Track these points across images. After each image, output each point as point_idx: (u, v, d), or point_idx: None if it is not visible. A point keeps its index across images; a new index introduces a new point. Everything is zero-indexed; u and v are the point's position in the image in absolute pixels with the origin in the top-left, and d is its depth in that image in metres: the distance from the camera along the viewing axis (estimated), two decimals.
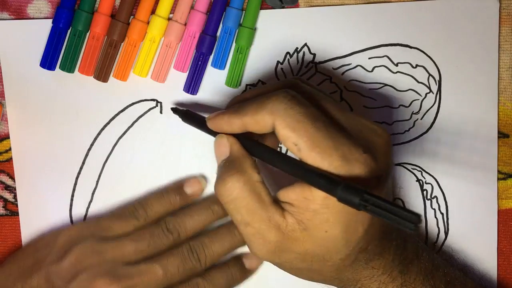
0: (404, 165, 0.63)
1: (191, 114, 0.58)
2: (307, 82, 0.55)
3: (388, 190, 0.53)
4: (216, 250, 0.59)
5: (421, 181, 0.63)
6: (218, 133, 0.54)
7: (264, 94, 0.52)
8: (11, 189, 0.62)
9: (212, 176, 0.62)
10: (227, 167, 0.52)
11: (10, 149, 0.62)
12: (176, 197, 0.60)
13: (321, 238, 0.50)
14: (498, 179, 0.63)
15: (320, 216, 0.49)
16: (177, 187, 0.61)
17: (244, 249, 0.61)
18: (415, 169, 0.63)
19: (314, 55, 0.62)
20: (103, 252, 0.57)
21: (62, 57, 0.60)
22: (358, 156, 0.48)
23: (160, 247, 0.58)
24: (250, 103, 0.51)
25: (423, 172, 0.63)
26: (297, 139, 0.48)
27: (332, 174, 0.48)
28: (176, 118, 0.62)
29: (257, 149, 0.52)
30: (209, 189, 0.62)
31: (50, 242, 0.59)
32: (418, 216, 0.43)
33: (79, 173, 0.62)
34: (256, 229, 0.51)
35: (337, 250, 0.51)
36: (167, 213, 0.60)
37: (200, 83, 0.62)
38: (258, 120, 0.50)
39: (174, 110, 0.60)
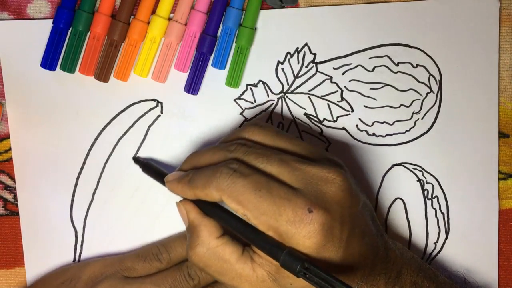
0: (405, 165, 0.63)
1: (150, 166, 0.60)
2: (252, 139, 0.56)
3: (360, 226, 0.53)
4: None
5: (422, 181, 0.63)
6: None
7: (211, 163, 0.55)
8: (11, 189, 0.62)
9: None
10: (189, 238, 0.55)
11: (10, 149, 0.62)
12: None
13: None
14: (499, 179, 0.63)
15: (282, 270, 0.51)
16: None
17: None
18: (415, 169, 0.63)
19: (315, 55, 0.62)
20: None
21: (63, 57, 0.60)
22: (304, 217, 0.50)
23: None
24: (199, 177, 0.53)
25: (424, 172, 0.63)
26: (244, 211, 0.51)
27: (281, 238, 0.50)
28: (177, 118, 0.62)
29: (213, 212, 0.55)
30: None
31: (75, 276, 0.60)
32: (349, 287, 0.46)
33: (79, 173, 0.62)
34: (231, 285, 0.54)
35: None
36: None
37: (201, 83, 0.61)
38: (207, 194, 0.53)
39: (135, 160, 0.61)
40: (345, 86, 0.62)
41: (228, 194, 0.51)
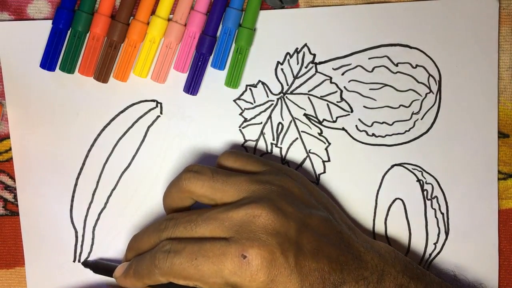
0: (405, 165, 0.63)
1: (100, 265, 0.61)
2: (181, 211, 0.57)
3: (316, 240, 0.53)
4: None
5: (421, 181, 0.63)
6: None
7: (147, 248, 0.56)
8: (11, 189, 0.62)
9: None
10: None
11: (10, 149, 0.62)
12: None
13: None
14: (498, 179, 0.63)
15: None
16: None
17: None
18: (415, 169, 0.63)
19: (314, 55, 0.62)
20: None
21: (62, 58, 0.60)
22: (241, 264, 0.51)
23: None
24: (141, 266, 0.55)
25: (424, 172, 0.63)
26: (193, 283, 0.53)
27: None
28: (176, 118, 0.62)
29: None
30: None
31: None
32: None
33: (79, 173, 0.62)
34: None
35: None
36: None
37: (200, 83, 0.62)
38: (156, 281, 0.54)
39: (84, 264, 0.62)
40: (344, 87, 0.62)
41: (172, 275, 0.53)
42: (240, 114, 0.62)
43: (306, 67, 0.62)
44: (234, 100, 0.62)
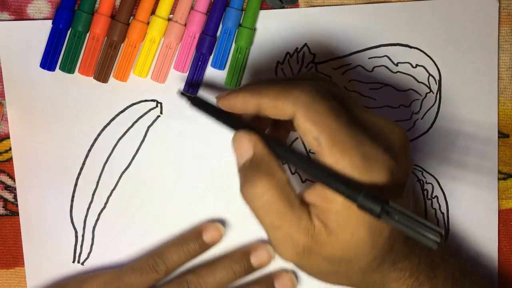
0: None
1: (199, 99, 0.55)
2: (325, 78, 0.54)
3: (409, 188, 0.51)
4: None
5: (421, 181, 0.63)
6: (230, 124, 0.51)
7: (286, 82, 0.50)
8: (11, 189, 0.62)
9: (214, 183, 0.62)
10: (253, 169, 0.49)
11: (10, 149, 0.62)
12: (195, 246, 0.60)
13: (347, 242, 0.48)
14: (499, 179, 0.63)
15: (343, 217, 0.47)
16: (195, 235, 0.61)
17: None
18: (415, 169, 0.63)
19: (314, 55, 0.62)
20: None
21: (62, 57, 0.61)
22: (379, 155, 0.47)
23: None
24: (273, 86, 0.48)
25: (424, 172, 0.63)
26: (318, 134, 0.46)
27: (352, 174, 0.46)
28: (176, 118, 0.62)
29: (278, 148, 0.50)
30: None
31: None
32: (440, 233, 0.43)
33: (79, 173, 0.62)
34: (286, 233, 0.48)
35: (364, 253, 0.49)
36: (187, 262, 0.60)
37: (200, 83, 0.62)
38: (277, 106, 0.48)
39: (182, 94, 0.56)
40: (344, 86, 0.62)
41: (306, 110, 0.46)
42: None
43: (306, 67, 0.62)
44: None
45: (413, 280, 0.52)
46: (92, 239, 0.63)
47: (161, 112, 0.62)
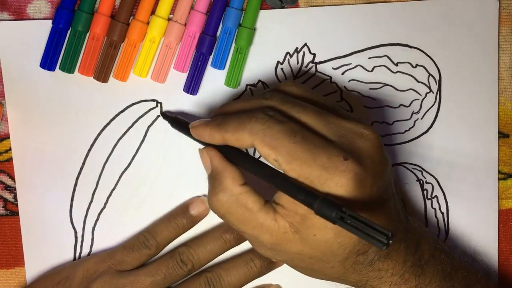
0: (404, 164, 0.63)
1: (179, 120, 0.59)
2: (289, 91, 0.55)
3: (387, 189, 0.53)
4: (232, 283, 0.60)
5: (421, 181, 0.63)
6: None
7: (245, 110, 0.54)
8: (11, 189, 0.62)
9: None
10: (211, 184, 0.55)
11: (10, 149, 0.62)
12: (183, 221, 0.61)
13: (312, 241, 0.51)
14: (499, 179, 0.63)
15: (308, 221, 0.51)
16: (182, 210, 0.62)
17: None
18: (415, 168, 0.63)
19: (314, 55, 0.62)
20: None
21: (62, 57, 0.60)
22: (338, 164, 0.49)
23: (176, 278, 0.60)
24: (232, 120, 0.52)
25: (424, 172, 0.63)
26: (276, 156, 0.50)
27: (313, 184, 0.49)
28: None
29: (239, 159, 0.54)
30: None
31: (69, 276, 0.60)
32: (387, 235, 0.45)
33: (79, 173, 0.62)
34: (250, 235, 0.53)
35: (332, 253, 0.51)
36: (177, 236, 0.62)
37: (200, 83, 0.62)
38: (238, 139, 0.52)
39: (163, 115, 0.61)
40: (344, 86, 0.62)
41: (261, 138, 0.50)
42: None
43: (306, 67, 0.62)
44: (234, 100, 0.62)
45: (397, 278, 0.53)
46: (92, 239, 0.63)
47: (161, 112, 0.62)
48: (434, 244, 0.56)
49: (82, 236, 0.63)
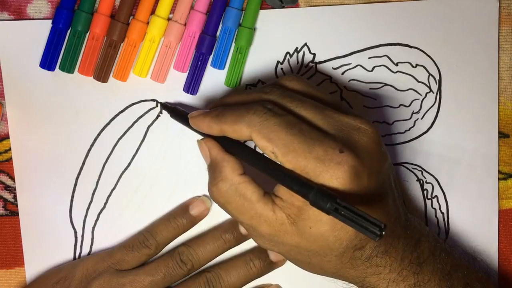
0: (405, 164, 0.63)
1: (178, 111, 0.59)
2: (289, 86, 0.56)
3: (384, 184, 0.53)
4: (232, 283, 0.60)
5: (421, 181, 0.63)
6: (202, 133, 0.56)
7: (244, 102, 0.54)
8: (11, 189, 0.62)
9: None
10: (211, 174, 0.55)
11: (10, 149, 0.62)
12: (183, 220, 0.62)
13: (308, 234, 0.51)
14: (499, 179, 0.63)
15: (304, 213, 0.51)
16: (182, 210, 0.62)
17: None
18: (415, 168, 0.63)
19: (314, 55, 0.62)
20: (121, 287, 0.59)
21: (62, 57, 0.60)
22: (334, 156, 0.50)
23: (175, 278, 0.60)
24: (230, 112, 0.53)
25: (424, 172, 0.63)
26: (273, 148, 0.51)
27: (309, 176, 0.50)
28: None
29: (237, 150, 0.54)
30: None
31: (69, 275, 0.60)
32: (380, 227, 0.45)
33: (79, 173, 0.62)
34: (248, 225, 0.54)
35: (328, 247, 0.52)
36: (176, 236, 0.62)
37: (200, 83, 0.62)
38: (235, 130, 0.52)
39: (163, 105, 0.61)
40: (344, 86, 0.62)
41: (258, 130, 0.51)
42: None
43: (306, 67, 0.62)
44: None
45: (395, 275, 0.53)
46: (92, 239, 0.63)
47: (160, 112, 0.62)
48: (435, 243, 0.56)
49: (82, 236, 0.63)
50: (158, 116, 0.62)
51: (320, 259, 0.53)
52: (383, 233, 0.46)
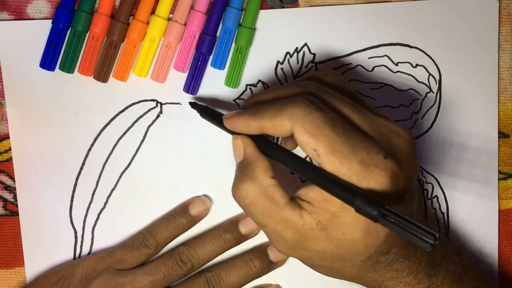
0: None
1: (209, 110, 0.58)
2: (324, 80, 0.54)
3: (413, 191, 0.52)
4: (232, 283, 0.60)
5: (421, 181, 0.63)
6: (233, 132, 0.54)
7: (282, 97, 0.52)
8: (11, 189, 0.62)
9: (214, 183, 0.62)
10: (240, 172, 0.52)
11: (10, 149, 0.62)
12: (183, 220, 0.61)
13: (339, 240, 0.50)
14: (499, 179, 0.63)
15: (338, 219, 0.49)
16: (182, 209, 0.62)
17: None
18: None
19: (314, 55, 0.62)
20: (121, 287, 0.59)
21: (62, 57, 0.60)
22: (378, 162, 0.48)
23: (175, 278, 0.60)
24: (269, 106, 0.50)
25: (424, 172, 0.63)
26: (316, 145, 0.48)
27: (351, 180, 0.48)
28: (176, 118, 0.62)
29: (274, 151, 0.52)
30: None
31: (68, 275, 0.60)
32: (434, 236, 0.44)
33: (79, 173, 0.62)
34: (272, 229, 0.52)
35: (357, 252, 0.50)
36: (176, 236, 0.62)
37: (200, 83, 0.61)
38: (276, 125, 0.50)
39: (192, 104, 0.60)
40: None
41: (302, 124, 0.48)
42: None
43: (306, 67, 0.62)
44: (234, 100, 0.62)
45: (411, 278, 0.53)
46: (92, 239, 0.63)
47: (161, 112, 0.62)
48: (445, 244, 0.56)
49: (82, 236, 0.63)
50: (158, 116, 0.62)
51: (343, 264, 0.52)
52: (437, 242, 0.44)
